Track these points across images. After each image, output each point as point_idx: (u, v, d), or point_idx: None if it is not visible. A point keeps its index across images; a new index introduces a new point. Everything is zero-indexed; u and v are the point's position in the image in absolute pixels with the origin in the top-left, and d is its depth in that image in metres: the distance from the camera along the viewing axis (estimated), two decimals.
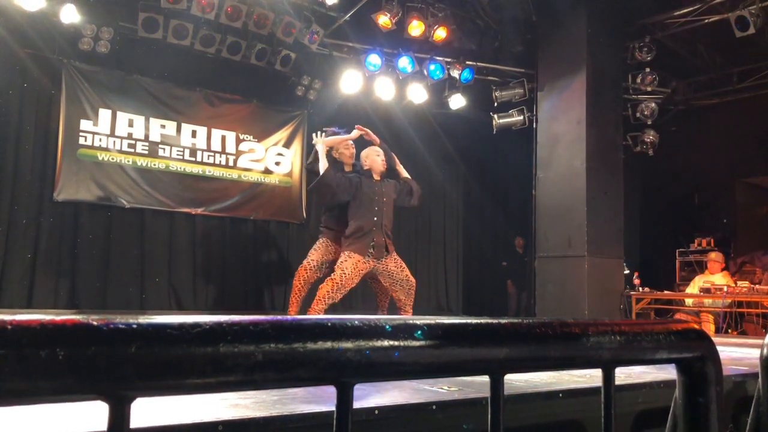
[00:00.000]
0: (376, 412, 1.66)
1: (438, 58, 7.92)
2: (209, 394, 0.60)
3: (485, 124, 8.73)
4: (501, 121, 8.52)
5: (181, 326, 0.53)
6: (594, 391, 2.02)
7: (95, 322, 0.50)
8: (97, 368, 0.50)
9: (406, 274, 5.33)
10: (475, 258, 9.99)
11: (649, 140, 8.54)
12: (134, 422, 0.53)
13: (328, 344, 0.59)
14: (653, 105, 8.28)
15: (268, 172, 8.10)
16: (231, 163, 7.84)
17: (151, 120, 7.32)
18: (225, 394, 1.60)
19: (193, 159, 7.57)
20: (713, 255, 7.84)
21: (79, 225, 6.83)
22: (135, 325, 0.52)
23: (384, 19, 7.03)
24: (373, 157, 5.39)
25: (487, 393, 0.72)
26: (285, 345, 0.57)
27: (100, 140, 7.00)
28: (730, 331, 6.79)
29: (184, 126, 7.54)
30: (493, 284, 9.94)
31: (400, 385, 1.99)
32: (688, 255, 8.94)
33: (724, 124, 9.24)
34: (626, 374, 2.42)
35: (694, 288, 7.58)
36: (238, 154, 7.90)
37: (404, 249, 7.44)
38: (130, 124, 7.20)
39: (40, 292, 6.53)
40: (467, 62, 8.04)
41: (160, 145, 7.36)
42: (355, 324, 0.61)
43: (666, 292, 8.02)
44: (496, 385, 0.72)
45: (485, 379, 0.72)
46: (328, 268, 5.34)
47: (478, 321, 0.71)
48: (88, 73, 6.96)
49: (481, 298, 9.89)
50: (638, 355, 0.84)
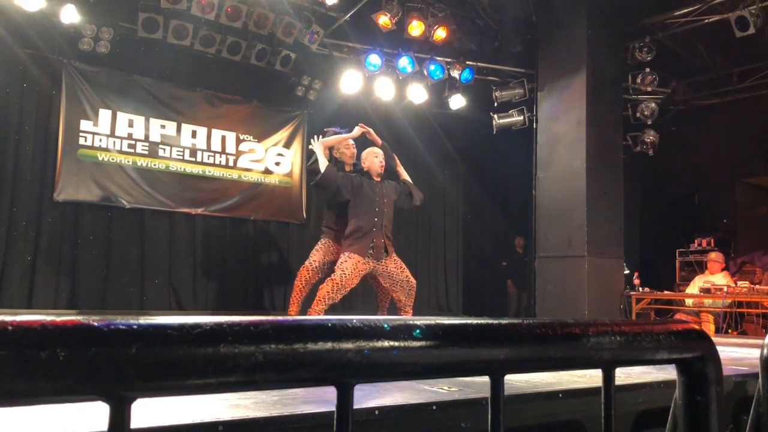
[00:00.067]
0: (377, 413, 1.66)
1: (438, 58, 7.92)
2: (209, 395, 0.60)
3: (485, 124, 8.73)
4: (501, 121, 8.52)
5: (182, 327, 0.53)
6: (594, 392, 2.02)
7: (96, 323, 0.50)
8: (98, 369, 0.50)
9: (407, 275, 5.33)
10: (475, 258, 9.99)
11: (649, 140, 8.54)
12: (135, 422, 0.53)
13: (329, 345, 0.59)
14: (653, 105, 8.28)
15: (268, 172, 8.10)
16: (231, 164, 7.84)
17: (151, 120, 7.32)
18: (225, 394, 1.60)
19: (193, 159, 7.57)
20: (713, 255, 7.84)
21: (79, 225, 6.83)
22: (135, 326, 0.52)
23: (384, 19, 7.03)
24: (372, 158, 5.39)
25: (487, 393, 0.72)
26: (285, 346, 0.57)
27: (101, 140, 7.00)
28: (730, 331, 6.79)
29: (184, 126, 7.54)
30: (493, 284, 9.94)
31: (400, 386, 1.99)
32: (688, 255, 8.94)
33: (724, 124, 9.24)
34: (626, 374, 2.42)
35: (694, 288, 7.58)
36: (238, 154, 7.90)
37: (404, 249, 7.44)
38: (130, 125, 7.20)
39: (41, 293, 6.53)
40: (467, 62, 8.04)
41: (160, 146, 7.36)
42: (355, 325, 0.61)
43: (666, 293, 8.02)
44: (497, 385, 0.72)
45: (485, 379, 0.72)
46: (328, 268, 5.35)
47: (479, 321, 0.71)
48: (88, 73, 6.96)
49: (482, 299, 9.89)
50: (638, 355, 0.84)
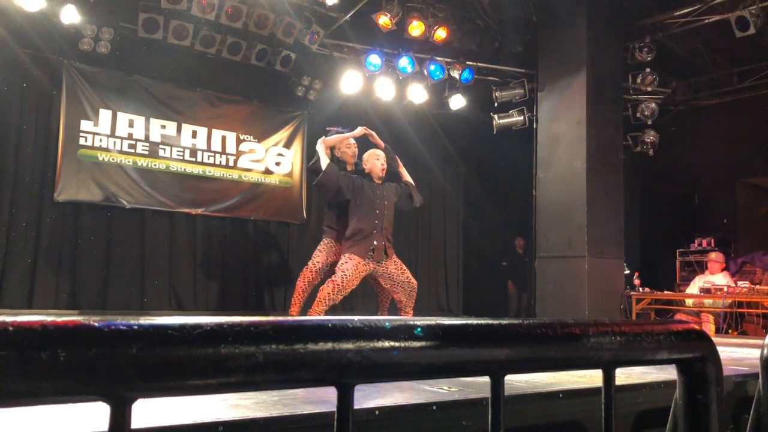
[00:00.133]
0: (377, 413, 1.66)
1: (438, 59, 7.92)
2: (210, 395, 0.60)
3: (485, 125, 8.73)
4: (501, 122, 8.52)
5: (182, 327, 0.53)
6: (594, 392, 2.02)
7: (96, 324, 0.50)
8: (98, 369, 0.50)
9: (407, 276, 5.33)
10: (476, 258, 9.99)
11: (649, 140, 8.54)
12: (135, 423, 0.53)
13: (329, 345, 0.59)
14: (653, 105, 8.28)
15: (268, 172, 8.10)
16: (231, 164, 7.84)
17: (152, 120, 7.32)
18: (226, 395, 1.60)
19: (194, 159, 7.57)
20: (713, 255, 7.84)
21: (79, 225, 6.82)
22: (136, 326, 0.52)
23: (384, 20, 7.03)
24: (373, 160, 5.39)
25: (487, 393, 0.72)
26: (286, 346, 0.57)
27: (101, 141, 7.00)
28: (730, 331, 6.78)
29: (185, 126, 7.54)
30: (493, 285, 9.93)
31: (400, 386, 1.99)
32: (688, 255, 8.94)
33: (725, 125, 9.23)
34: (627, 374, 2.42)
35: (694, 288, 7.57)
36: (239, 154, 7.90)
37: (404, 249, 7.45)
38: (131, 125, 7.20)
39: (41, 293, 6.53)
40: (467, 62, 8.04)
41: (161, 146, 7.36)
42: (355, 325, 0.61)
43: (666, 293, 8.01)
44: (497, 385, 0.72)
45: (486, 379, 0.72)
46: (330, 268, 5.35)
47: (479, 322, 0.71)
48: (89, 73, 6.96)
49: (482, 299, 9.89)
50: (639, 355, 0.84)
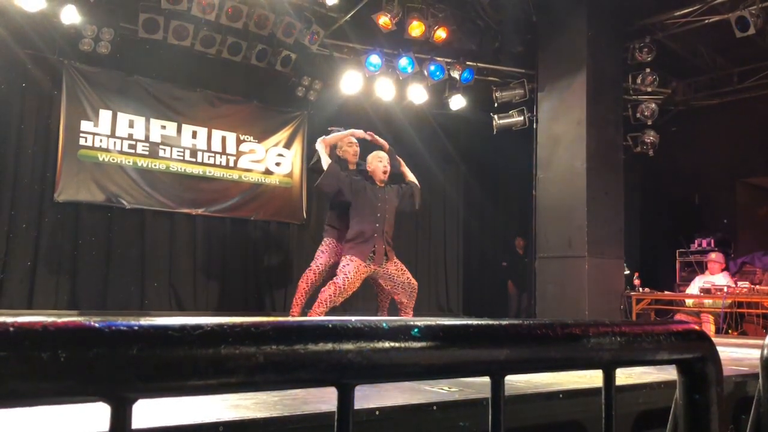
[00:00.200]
0: (377, 413, 1.66)
1: (438, 59, 7.92)
2: (210, 396, 0.60)
3: (485, 125, 8.73)
4: (501, 122, 8.52)
5: (183, 328, 0.53)
6: (595, 392, 2.02)
7: (97, 324, 0.50)
8: (99, 370, 0.50)
9: (408, 277, 5.33)
10: (475, 258, 9.99)
11: (649, 141, 8.54)
12: (136, 423, 0.53)
13: (329, 346, 0.59)
14: (653, 105, 8.28)
15: (268, 172, 8.10)
16: (231, 164, 7.84)
17: (152, 121, 7.33)
18: (226, 395, 1.60)
19: (194, 160, 7.57)
20: (713, 255, 7.83)
21: (79, 226, 6.83)
22: (136, 327, 0.52)
23: (384, 20, 7.03)
24: (376, 163, 5.37)
25: (487, 394, 0.72)
26: (286, 347, 0.57)
27: (101, 141, 7.01)
28: (730, 331, 6.78)
29: (185, 127, 7.55)
30: (493, 285, 9.93)
31: (400, 386, 1.99)
32: (688, 255, 8.93)
33: (725, 125, 9.23)
34: (627, 374, 2.42)
35: (694, 288, 7.57)
36: (239, 154, 7.90)
37: (404, 249, 7.44)
38: (131, 125, 7.20)
39: (41, 293, 6.53)
40: (467, 63, 8.04)
41: (161, 146, 7.36)
42: (355, 326, 0.61)
43: (666, 293, 8.01)
44: (497, 386, 0.72)
45: (486, 380, 0.72)
46: (331, 269, 5.34)
47: (479, 322, 0.71)
48: (89, 73, 6.96)
49: (482, 299, 9.88)
50: (639, 356, 0.84)
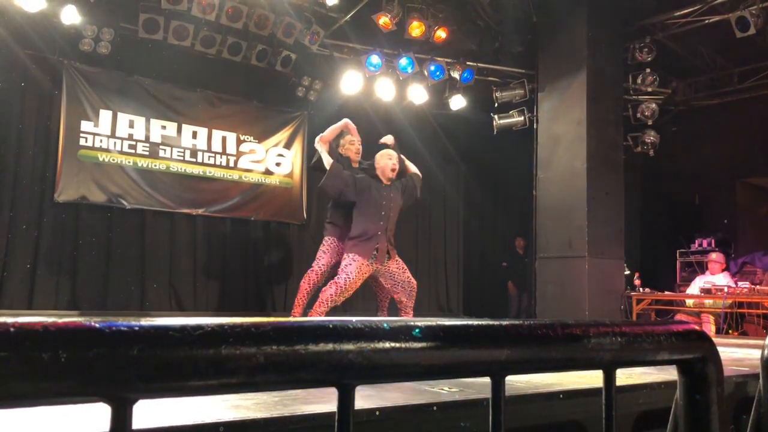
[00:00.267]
0: (377, 414, 1.66)
1: (438, 59, 7.92)
2: (211, 396, 0.60)
3: (486, 125, 8.73)
4: (501, 122, 8.52)
5: (183, 328, 0.53)
6: (595, 392, 2.02)
7: (97, 325, 0.50)
8: (100, 370, 0.50)
9: (408, 276, 5.33)
10: (476, 259, 9.98)
11: (649, 141, 8.54)
12: (136, 423, 0.53)
13: (330, 346, 0.59)
14: (654, 105, 8.28)
15: (268, 172, 8.10)
16: (231, 164, 7.84)
17: (152, 121, 7.33)
18: (227, 395, 1.60)
19: (194, 160, 7.57)
20: (714, 255, 7.83)
21: (79, 226, 6.82)
22: (137, 327, 0.52)
23: (384, 20, 7.03)
24: (385, 160, 5.34)
25: (488, 394, 0.72)
26: (287, 347, 0.57)
27: (101, 141, 7.01)
28: (730, 331, 6.78)
29: (185, 127, 7.55)
30: (493, 285, 9.93)
31: (401, 387, 1.99)
32: (688, 255, 8.93)
33: (725, 125, 9.23)
34: (627, 375, 2.42)
35: (694, 289, 7.57)
36: (239, 155, 7.90)
37: (404, 249, 7.42)
38: (131, 125, 7.20)
39: (41, 293, 6.53)
40: (467, 63, 8.04)
41: (161, 146, 7.36)
42: (356, 326, 0.61)
43: (667, 293, 8.01)
44: (497, 386, 0.72)
45: (486, 380, 0.72)
46: (333, 268, 5.33)
47: (479, 322, 0.71)
48: (89, 74, 6.96)
49: (482, 299, 9.88)
50: (639, 356, 0.84)
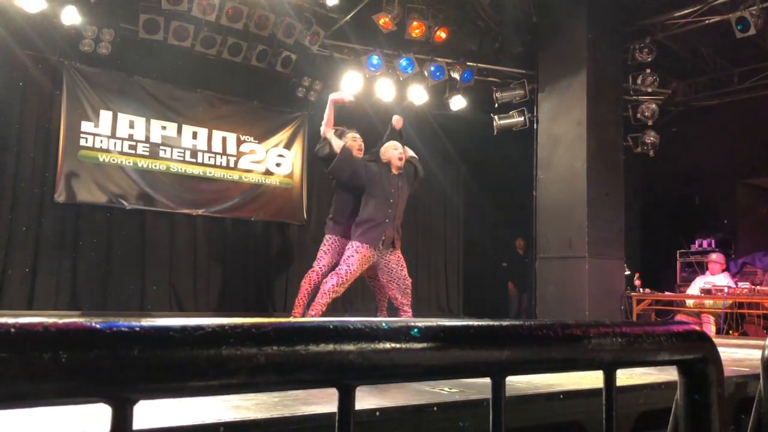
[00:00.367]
0: (378, 414, 1.66)
1: (438, 59, 7.92)
2: (211, 396, 0.60)
3: (486, 125, 8.73)
4: (501, 122, 8.52)
5: (184, 329, 0.53)
6: (595, 393, 2.02)
7: (98, 325, 0.50)
8: (100, 371, 0.50)
9: (405, 273, 5.39)
10: (476, 259, 9.98)
11: (649, 141, 8.54)
12: (137, 424, 0.53)
13: (330, 347, 0.59)
14: (654, 106, 8.28)
15: (268, 173, 8.10)
16: (232, 165, 7.84)
17: (152, 121, 7.32)
18: (227, 396, 1.60)
19: (194, 160, 7.57)
20: (714, 256, 7.83)
21: (79, 226, 6.82)
22: (137, 328, 0.52)
23: (384, 20, 7.03)
24: (391, 151, 5.44)
25: (488, 394, 0.72)
26: (287, 347, 0.57)
27: (101, 142, 7.00)
28: (730, 332, 6.78)
29: (185, 127, 7.54)
30: (493, 285, 9.93)
31: (401, 387, 1.99)
32: (688, 256, 8.93)
33: (725, 125, 9.23)
34: (627, 375, 2.42)
35: (694, 289, 7.57)
36: (239, 155, 7.90)
37: (404, 249, 7.39)
38: (131, 126, 7.20)
39: (41, 294, 6.53)
40: (467, 63, 8.04)
41: (161, 147, 7.36)
42: (356, 326, 0.61)
43: (667, 293, 8.01)
44: (498, 386, 0.72)
45: (486, 380, 0.72)
46: (333, 269, 5.33)
47: (480, 323, 0.71)
48: (89, 74, 6.96)
49: (482, 300, 9.88)
50: (639, 356, 0.84)
